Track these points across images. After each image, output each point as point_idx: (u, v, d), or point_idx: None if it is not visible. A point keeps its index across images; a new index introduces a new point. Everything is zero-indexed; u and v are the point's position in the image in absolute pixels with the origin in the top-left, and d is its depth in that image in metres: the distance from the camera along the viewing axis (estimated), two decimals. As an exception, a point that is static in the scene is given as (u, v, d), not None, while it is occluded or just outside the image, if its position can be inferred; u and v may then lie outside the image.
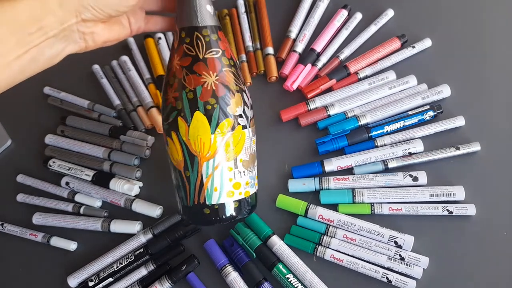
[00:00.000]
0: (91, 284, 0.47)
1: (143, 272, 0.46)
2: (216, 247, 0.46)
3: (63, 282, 0.48)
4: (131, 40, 0.59)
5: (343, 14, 0.56)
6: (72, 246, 0.49)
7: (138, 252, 0.47)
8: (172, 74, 0.40)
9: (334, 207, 0.47)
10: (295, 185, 0.49)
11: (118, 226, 0.49)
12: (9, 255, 0.51)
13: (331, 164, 0.48)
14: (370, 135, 0.50)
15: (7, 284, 0.50)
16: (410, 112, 0.50)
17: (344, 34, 0.56)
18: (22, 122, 0.58)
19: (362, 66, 0.54)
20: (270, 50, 0.56)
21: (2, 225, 0.52)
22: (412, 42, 0.54)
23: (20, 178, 0.54)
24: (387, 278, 0.43)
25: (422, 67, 0.53)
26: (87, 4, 0.34)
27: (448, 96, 0.51)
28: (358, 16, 0.57)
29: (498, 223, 0.45)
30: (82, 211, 0.51)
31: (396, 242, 0.44)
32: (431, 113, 0.49)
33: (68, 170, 0.52)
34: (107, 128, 0.54)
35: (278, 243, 0.45)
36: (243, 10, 0.59)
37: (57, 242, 0.50)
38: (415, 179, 0.47)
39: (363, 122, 0.50)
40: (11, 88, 0.34)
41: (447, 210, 0.45)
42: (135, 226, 0.48)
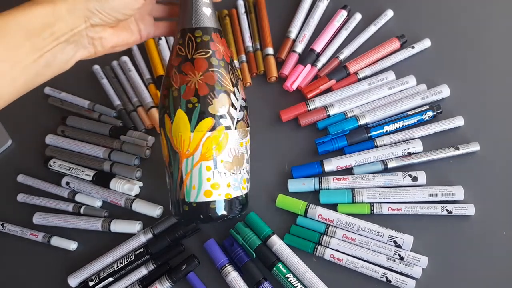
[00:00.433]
0: (91, 283, 0.47)
1: (143, 271, 0.46)
2: (216, 247, 0.46)
3: (64, 281, 0.48)
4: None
5: (343, 14, 0.57)
6: (72, 246, 0.50)
7: (138, 251, 0.47)
8: (166, 73, 0.42)
9: (333, 207, 0.47)
10: (294, 185, 0.49)
11: (118, 226, 0.49)
12: (9, 255, 0.51)
13: (331, 164, 0.49)
14: (369, 135, 0.50)
15: (7, 284, 0.50)
16: (410, 112, 0.50)
17: (344, 34, 0.56)
18: (23, 122, 0.58)
19: (361, 67, 0.54)
20: (270, 50, 0.56)
21: (2, 225, 0.52)
22: (412, 43, 0.54)
23: (21, 178, 0.54)
24: (386, 277, 0.43)
25: (421, 68, 0.53)
26: (94, 9, 0.35)
27: (447, 96, 0.51)
28: (358, 16, 0.57)
29: (497, 223, 0.45)
30: (82, 211, 0.51)
31: (395, 242, 0.44)
32: (430, 113, 0.49)
33: (69, 170, 0.53)
34: (107, 128, 0.54)
35: (278, 243, 0.45)
36: (243, 10, 0.59)
37: (57, 242, 0.50)
38: (415, 179, 0.47)
39: (362, 122, 0.50)
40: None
41: (447, 210, 0.45)
42: (135, 226, 0.49)
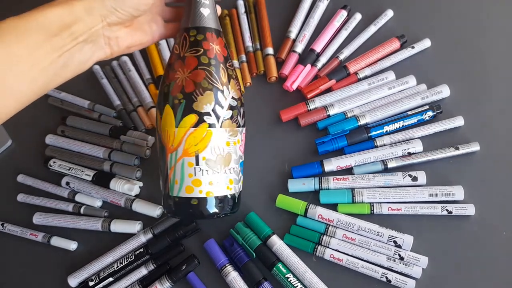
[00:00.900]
0: (91, 283, 0.47)
1: (143, 271, 0.46)
2: (216, 247, 0.46)
3: (64, 281, 0.48)
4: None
5: (343, 14, 0.57)
6: (72, 246, 0.50)
7: (138, 251, 0.47)
8: (164, 72, 0.43)
9: (333, 207, 0.47)
10: (294, 185, 0.49)
11: (118, 226, 0.49)
12: (9, 255, 0.51)
13: (331, 164, 0.49)
14: (369, 135, 0.50)
15: (7, 284, 0.50)
16: (410, 112, 0.50)
17: (344, 34, 0.56)
18: (23, 122, 0.58)
19: (361, 67, 0.54)
20: (270, 50, 0.56)
21: (2, 225, 0.52)
22: (412, 43, 0.54)
23: (21, 178, 0.54)
24: (386, 277, 0.43)
25: (421, 68, 0.53)
26: (110, 7, 0.36)
27: (447, 96, 0.51)
28: (358, 16, 0.57)
29: (497, 223, 0.45)
30: (82, 211, 0.51)
31: (395, 242, 0.44)
32: (430, 113, 0.49)
33: (69, 170, 0.53)
34: (107, 128, 0.54)
35: (277, 243, 0.45)
36: (243, 10, 0.59)
37: (57, 242, 0.50)
38: (415, 179, 0.47)
39: (362, 122, 0.50)
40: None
41: (446, 210, 0.45)
42: (135, 226, 0.49)
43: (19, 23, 0.33)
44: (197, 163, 0.40)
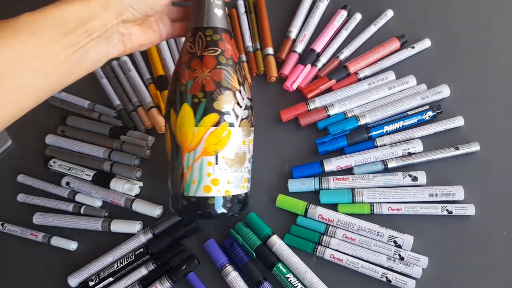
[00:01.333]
0: (91, 283, 0.47)
1: (143, 271, 0.46)
2: (216, 247, 0.46)
3: (64, 281, 0.48)
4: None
5: (343, 14, 0.57)
6: (72, 246, 0.50)
7: (138, 251, 0.47)
8: (174, 70, 0.43)
9: (333, 207, 0.47)
10: (295, 185, 0.49)
11: (119, 226, 0.49)
12: (9, 255, 0.51)
13: (331, 164, 0.49)
14: (369, 135, 0.50)
15: (8, 284, 0.50)
16: (410, 112, 0.50)
17: (344, 34, 0.56)
18: (23, 122, 0.57)
19: (361, 67, 0.54)
20: (270, 50, 0.56)
21: (2, 225, 0.52)
22: (412, 43, 0.54)
23: (21, 178, 0.54)
24: (386, 277, 0.43)
25: (421, 68, 0.53)
26: (127, 4, 0.36)
27: (447, 96, 0.51)
28: (358, 16, 0.57)
29: (497, 223, 0.45)
30: (82, 211, 0.51)
31: (395, 242, 0.44)
32: (430, 113, 0.49)
33: (69, 170, 0.53)
34: (107, 128, 0.54)
35: (278, 243, 0.45)
36: (243, 10, 0.59)
37: (57, 242, 0.50)
38: (415, 179, 0.47)
39: (362, 122, 0.50)
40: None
41: (447, 210, 0.45)
42: (135, 226, 0.49)
43: (34, 19, 0.32)
44: (216, 162, 0.40)
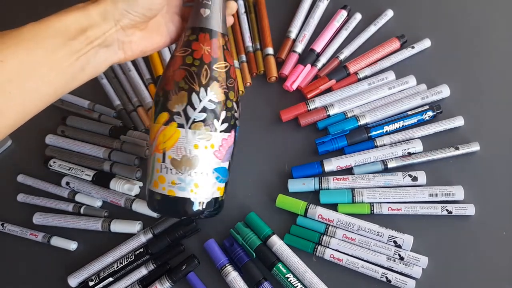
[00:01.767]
0: (91, 283, 0.47)
1: (143, 271, 0.46)
2: (216, 247, 0.46)
3: (64, 281, 0.48)
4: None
5: (343, 14, 0.57)
6: (72, 246, 0.50)
7: (138, 251, 0.47)
8: None
9: (333, 207, 0.47)
10: (294, 185, 0.49)
11: (118, 226, 0.49)
12: (9, 255, 0.51)
13: (331, 164, 0.49)
14: (369, 135, 0.50)
15: (8, 283, 0.50)
16: (410, 112, 0.50)
17: (344, 34, 0.56)
18: (23, 122, 0.58)
19: (361, 67, 0.54)
20: (270, 50, 0.56)
21: (2, 225, 0.52)
22: (412, 43, 0.54)
23: (21, 178, 0.54)
24: (386, 277, 0.43)
25: (421, 68, 0.53)
26: (122, 10, 0.36)
27: (447, 96, 0.51)
28: (358, 16, 0.57)
29: (497, 223, 0.45)
30: (82, 211, 0.51)
31: (395, 242, 0.44)
32: (430, 113, 0.49)
33: (69, 170, 0.53)
34: (107, 128, 0.54)
35: (277, 243, 0.45)
36: (243, 10, 0.59)
37: (57, 242, 0.50)
38: (415, 179, 0.47)
39: (362, 122, 0.50)
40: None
41: (446, 210, 0.45)
42: (135, 226, 0.49)
43: (39, 28, 0.34)
44: (163, 161, 0.40)
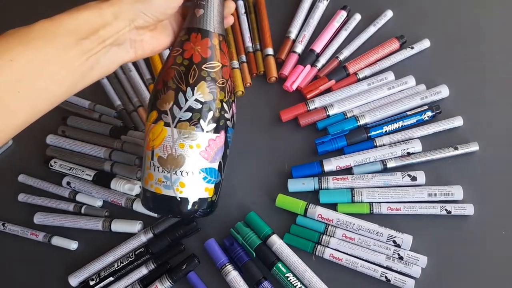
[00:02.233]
0: (92, 283, 0.47)
1: (143, 271, 0.47)
2: (216, 246, 0.46)
3: (64, 281, 0.48)
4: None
5: (342, 15, 0.57)
6: (73, 245, 0.50)
7: (138, 251, 0.47)
8: None
9: (333, 206, 0.47)
10: (294, 184, 0.49)
11: (119, 226, 0.49)
12: (10, 255, 0.51)
13: (330, 164, 0.49)
14: (369, 135, 0.50)
15: (8, 283, 0.50)
16: (409, 113, 0.50)
17: (343, 35, 0.56)
18: (23, 122, 0.58)
19: (361, 67, 0.54)
20: (270, 50, 0.56)
21: (3, 224, 0.52)
22: (411, 43, 0.55)
23: (22, 178, 0.54)
24: (386, 277, 0.43)
25: (420, 68, 0.54)
26: (138, 11, 0.36)
27: (446, 97, 0.51)
28: (357, 17, 0.57)
29: (496, 222, 0.45)
30: (83, 210, 0.51)
31: (394, 241, 0.44)
32: (429, 113, 0.50)
33: (69, 170, 0.53)
34: (108, 128, 0.55)
35: (277, 242, 0.45)
36: (243, 11, 0.59)
37: (58, 241, 0.50)
38: (414, 179, 0.47)
39: (362, 122, 0.51)
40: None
41: (446, 210, 0.45)
42: (135, 226, 0.49)
43: (50, 26, 0.33)
44: (152, 158, 0.41)
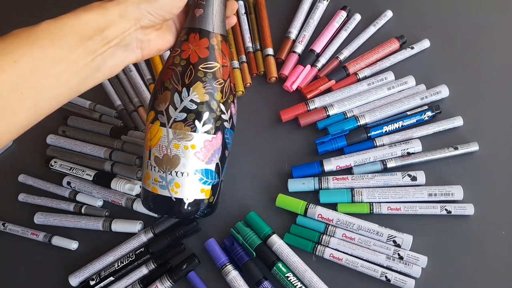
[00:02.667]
0: (92, 283, 0.47)
1: (144, 271, 0.47)
2: (216, 246, 0.46)
3: (65, 281, 0.48)
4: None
5: (342, 15, 0.57)
6: (73, 245, 0.50)
7: (139, 251, 0.47)
8: None
9: (333, 206, 0.47)
10: (294, 184, 0.49)
11: (119, 226, 0.49)
12: (10, 255, 0.51)
13: (330, 164, 0.49)
14: (369, 135, 0.50)
15: (8, 283, 0.50)
16: (409, 113, 0.50)
17: (343, 35, 0.57)
18: (24, 123, 0.58)
19: (361, 67, 0.54)
20: (270, 51, 0.56)
21: (3, 224, 0.52)
22: (411, 43, 0.55)
23: (22, 178, 0.54)
24: (386, 277, 0.43)
25: (420, 68, 0.54)
26: (145, 11, 0.36)
27: (446, 97, 0.51)
28: (357, 17, 0.57)
29: (496, 222, 0.45)
30: (83, 210, 0.51)
31: (395, 241, 0.44)
32: (429, 113, 0.50)
33: (70, 170, 0.53)
34: (108, 128, 0.55)
35: (277, 242, 0.45)
36: (243, 11, 0.59)
37: (58, 241, 0.50)
38: (414, 178, 0.47)
39: (362, 122, 0.51)
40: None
41: (446, 210, 0.45)
42: (136, 226, 0.49)
43: (55, 26, 0.33)
44: (149, 158, 0.41)
